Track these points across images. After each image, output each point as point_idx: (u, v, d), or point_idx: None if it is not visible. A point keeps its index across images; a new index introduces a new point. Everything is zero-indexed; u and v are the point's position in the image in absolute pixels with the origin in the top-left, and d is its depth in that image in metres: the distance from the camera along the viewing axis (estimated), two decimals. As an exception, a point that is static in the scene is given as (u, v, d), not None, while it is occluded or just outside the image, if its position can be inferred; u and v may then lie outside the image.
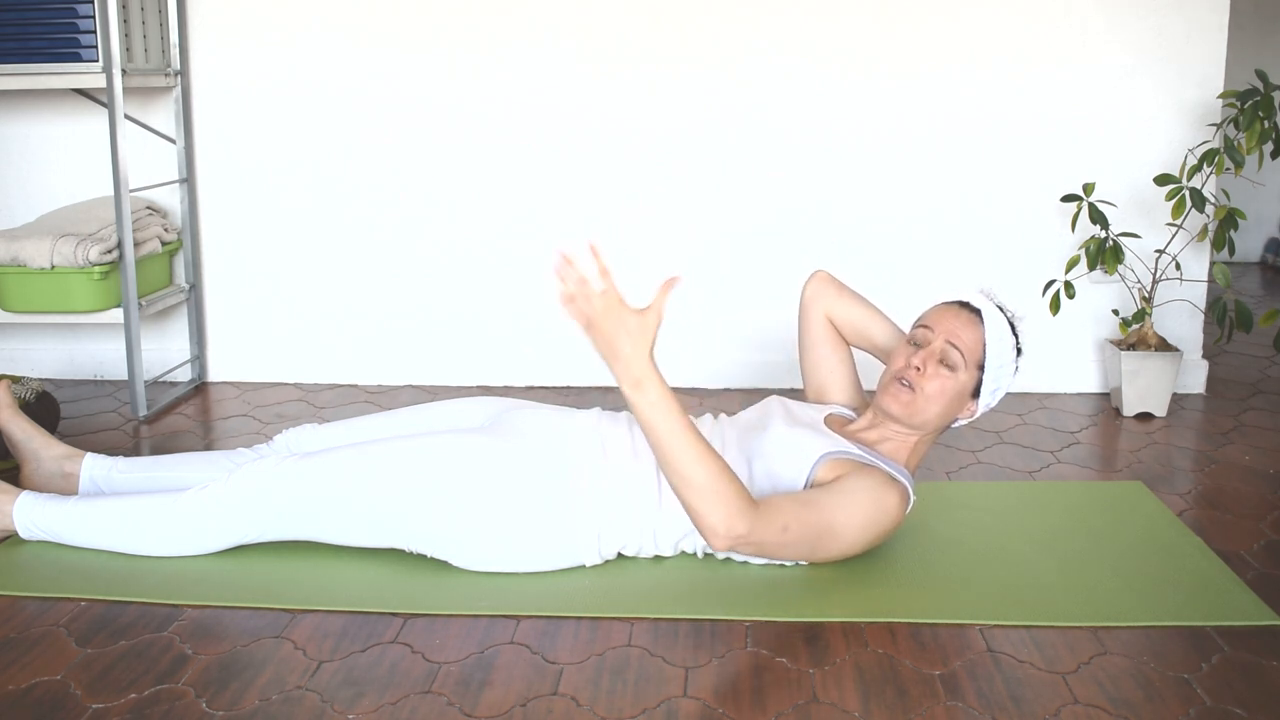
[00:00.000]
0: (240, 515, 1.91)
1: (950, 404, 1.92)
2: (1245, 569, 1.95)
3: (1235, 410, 2.91)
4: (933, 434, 1.98)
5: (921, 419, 1.93)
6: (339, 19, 3.00)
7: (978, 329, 1.91)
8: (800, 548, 1.79)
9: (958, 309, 1.95)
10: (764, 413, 2.03)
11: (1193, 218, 2.91)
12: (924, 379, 1.91)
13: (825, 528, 1.78)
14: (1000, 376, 1.93)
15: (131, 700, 1.54)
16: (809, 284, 2.15)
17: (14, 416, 2.22)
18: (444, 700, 1.54)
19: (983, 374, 1.92)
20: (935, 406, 1.92)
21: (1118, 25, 2.91)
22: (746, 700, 1.54)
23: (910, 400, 1.91)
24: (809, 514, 1.76)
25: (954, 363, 1.90)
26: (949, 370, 1.90)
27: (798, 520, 1.75)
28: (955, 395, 1.92)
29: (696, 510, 1.68)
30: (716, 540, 1.69)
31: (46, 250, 2.76)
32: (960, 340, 1.90)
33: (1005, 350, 1.92)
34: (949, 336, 1.91)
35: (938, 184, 3.01)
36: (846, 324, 2.12)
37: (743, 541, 1.70)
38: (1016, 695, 1.55)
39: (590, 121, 3.01)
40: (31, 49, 2.69)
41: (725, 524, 1.67)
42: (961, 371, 1.90)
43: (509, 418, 2.02)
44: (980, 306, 1.94)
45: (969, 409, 1.96)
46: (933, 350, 1.91)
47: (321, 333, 3.17)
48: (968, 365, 1.91)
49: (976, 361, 1.91)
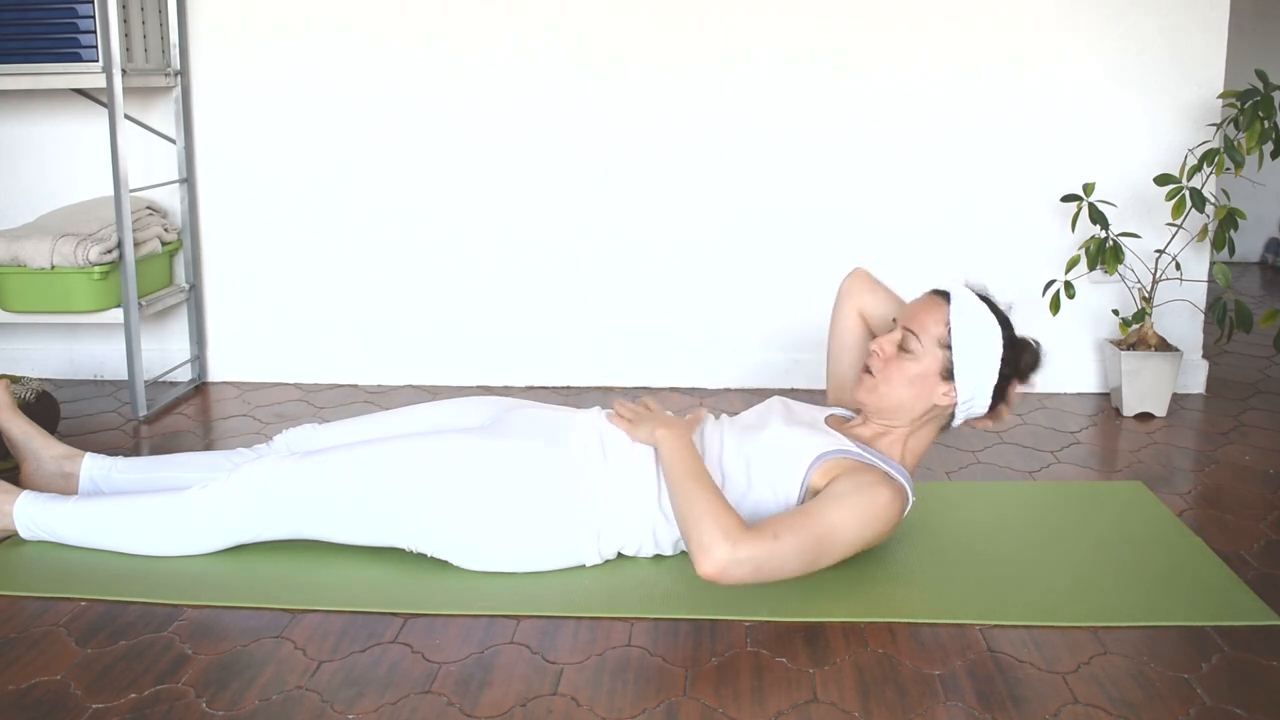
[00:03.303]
0: (240, 515, 1.91)
1: (916, 389, 1.90)
2: (1245, 569, 1.95)
3: (1235, 410, 2.91)
4: (920, 426, 1.95)
5: (888, 405, 1.92)
6: (339, 20, 3.00)
7: (941, 310, 1.91)
8: (798, 557, 1.69)
9: (927, 296, 1.96)
10: (764, 412, 2.03)
11: (1193, 218, 2.91)
12: (883, 364, 1.91)
13: (820, 532, 1.71)
14: (977, 359, 1.88)
15: (131, 700, 1.54)
16: (847, 279, 2.18)
17: (14, 416, 2.22)
18: (444, 700, 1.54)
19: (951, 353, 1.89)
20: (897, 392, 1.90)
21: (1118, 25, 2.91)
22: (746, 700, 1.54)
23: (873, 387, 1.92)
24: (799, 520, 1.70)
25: (911, 348, 1.90)
26: (909, 355, 1.90)
27: (787, 527, 1.68)
28: (918, 377, 1.90)
29: (691, 535, 1.65)
30: (706, 561, 1.62)
31: (46, 250, 2.76)
32: (916, 322, 1.90)
33: (979, 331, 1.88)
34: (906, 322, 1.92)
35: (938, 184, 3.01)
36: (879, 321, 2.12)
37: (732, 561, 1.62)
38: (1016, 695, 1.55)
39: (589, 123, 3.01)
40: (31, 49, 2.69)
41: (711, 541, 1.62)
42: (922, 354, 1.89)
43: (509, 418, 2.02)
44: (948, 289, 1.94)
45: (945, 392, 1.91)
46: (892, 337, 1.93)
47: (321, 333, 3.17)
48: (926, 346, 1.89)
49: (938, 340, 1.89)
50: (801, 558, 1.69)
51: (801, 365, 3.09)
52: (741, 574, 1.64)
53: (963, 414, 1.95)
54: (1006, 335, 1.92)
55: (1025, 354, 1.96)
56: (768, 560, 1.65)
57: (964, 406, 1.92)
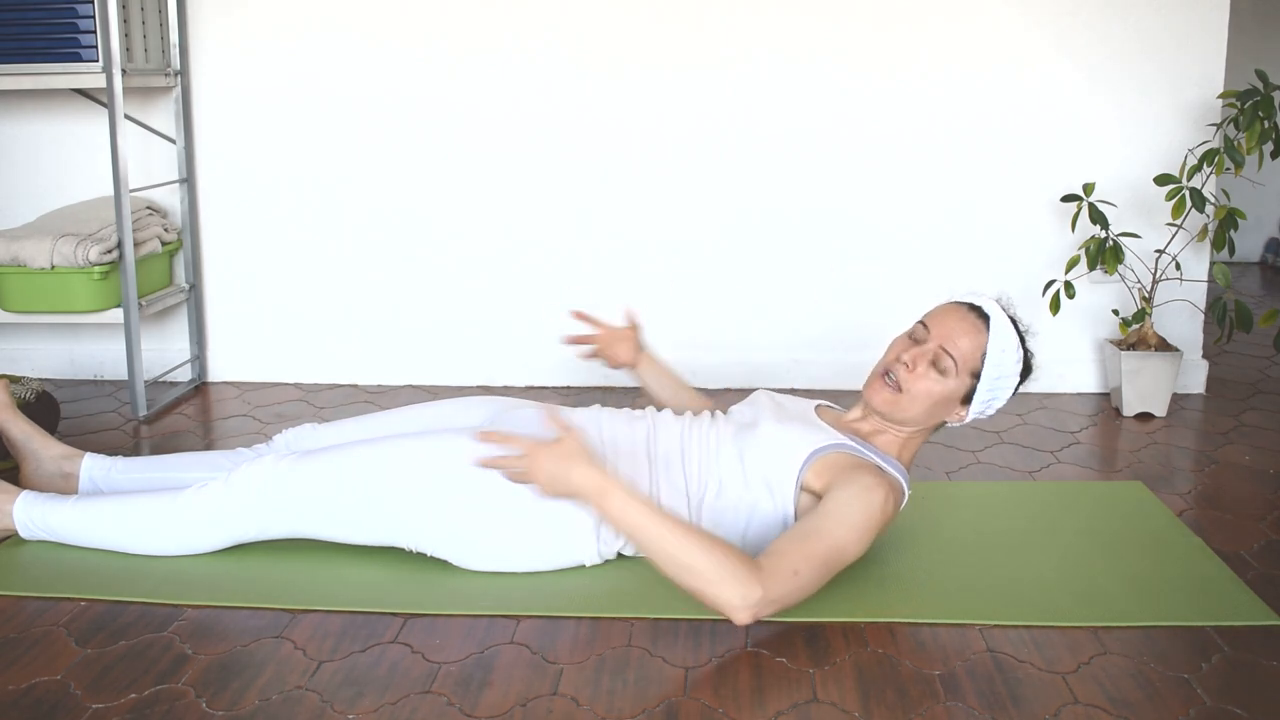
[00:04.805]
0: (240, 514, 1.91)
1: (935, 407, 1.88)
2: (1245, 569, 1.95)
3: (1235, 410, 2.91)
4: (922, 431, 1.95)
5: (903, 416, 1.89)
6: (339, 20, 3.00)
7: (980, 337, 1.86)
8: (815, 582, 1.68)
9: (964, 312, 1.89)
10: (754, 408, 2.03)
11: (1193, 218, 2.91)
12: (912, 378, 1.86)
13: (831, 552, 1.69)
14: (997, 389, 1.88)
15: (131, 700, 1.54)
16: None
17: (14, 416, 2.22)
18: (444, 700, 1.54)
19: (977, 383, 1.86)
20: (918, 408, 1.88)
21: (1118, 25, 2.91)
22: (746, 700, 1.54)
23: (894, 399, 1.88)
24: (811, 546, 1.68)
25: (945, 368, 1.85)
26: (938, 374, 1.86)
27: (804, 558, 1.66)
28: (942, 399, 1.87)
29: (709, 595, 1.60)
30: (739, 615, 1.59)
31: (46, 250, 2.75)
32: (956, 347, 1.85)
33: (1006, 364, 1.86)
34: (944, 341, 1.86)
35: (938, 184, 3.01)
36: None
37: (764, 604, 1.60)
38: (1016, 695, 1.55)
39: (589, 123, 3.01)
40: (31, 49, 2.69)
41: (741, 596, 1.58)
42: (952, 378, 1.86)
43: (509, 417, 2.02)
44: (990, 313, 1.88)
45: (958, 414, 1.91)
46: (925, 350, 1.87)
47: (321, 333, 3.17)
48: (959, 372, 1.85)
49: (971, 370, 1.86)
50: (819, 580, 1.69)
51: (801, 365, 3.09)
52: (770, 612, 1.64)
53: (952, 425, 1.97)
54: (1026, 366, 1.91)
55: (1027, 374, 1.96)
56: (793, 594, 1.65)
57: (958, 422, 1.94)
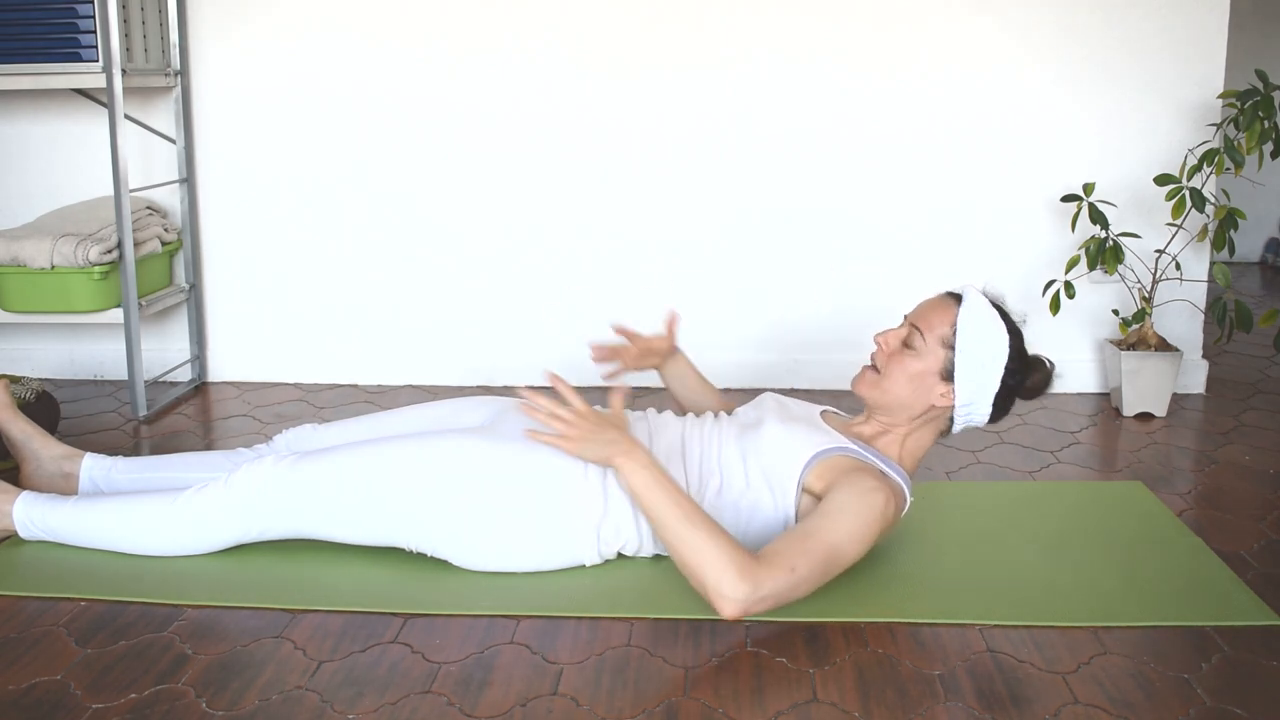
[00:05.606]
0: (240, 514, 1.91)
1: (915, 386, 1.89)
2: (1245, 569, 1.95)
3: (1235, 410, 2.91)
4: (919, 426, 1.94)
5: (887, 400, 1.91)
6: (339, 20, 3.00)
7: (950, 311, 1.90)
8: (813, 582, 1.69)
9: (939, 296, 1.96)
10: (759, 409, 2.03)
11: (1193, 218, 2.91)
12: (887, 359, 1.91)
13: (830, 552, 1.70)
14: (979, 363, 1.87)
15: (131, 700, 1.54)
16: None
17: (14, 416, 2.22)
18: (444, 700, 1.54)
19: (954, 354, 1.87)
20: (898, 388, 1.90)
21: (1118, 25, 2.91)
22: (746, 700, 1.54)
23: (875, 381, 1.92)
24: (810, 546, 1.69)
25: (914, 344, 1.89)
26: (910, 350, 1.90)
27: (802, 557, 1.67)
28: (919, 375, 1.88)
29: (701, 574, 1.63)
30: (725, 606, 1.61)
31: (46, 250, 2.76)
32: (924, 320, 1.90)
33: (985, 335, 1.87)
34: (914, 319, 1.92)
35: (938, 184, 3.01)
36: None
37: (753, 599, 1.62)
38: (1016, 695, 1.55)
39: (589, 123, 3.01)
40: (31, 49, 2.69)
41: (731, 586, 1.60)
42: (926, 353, 1.88)
43: (508, 417, 2.03)
44: (961, 292, 1.93)
45: (943, 393, 1.89)
46: (897, 332, 1.93)
47: (321, 333, 3.17)
48: (930, 345, 1.88)
49: (941, 339, 1.88)
50: (816, 580, 1.70)
51: (801, 365, 3.09)
52: (762, 609, 1.65)
53: (962, 420, 1.93)
54: (1015, 346, 1.89)
55: (1035, 372, 1.94)
56: (788, 592, 1.66)
57: (962, 411, 1.91)
